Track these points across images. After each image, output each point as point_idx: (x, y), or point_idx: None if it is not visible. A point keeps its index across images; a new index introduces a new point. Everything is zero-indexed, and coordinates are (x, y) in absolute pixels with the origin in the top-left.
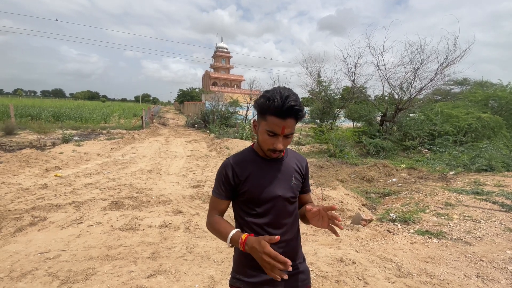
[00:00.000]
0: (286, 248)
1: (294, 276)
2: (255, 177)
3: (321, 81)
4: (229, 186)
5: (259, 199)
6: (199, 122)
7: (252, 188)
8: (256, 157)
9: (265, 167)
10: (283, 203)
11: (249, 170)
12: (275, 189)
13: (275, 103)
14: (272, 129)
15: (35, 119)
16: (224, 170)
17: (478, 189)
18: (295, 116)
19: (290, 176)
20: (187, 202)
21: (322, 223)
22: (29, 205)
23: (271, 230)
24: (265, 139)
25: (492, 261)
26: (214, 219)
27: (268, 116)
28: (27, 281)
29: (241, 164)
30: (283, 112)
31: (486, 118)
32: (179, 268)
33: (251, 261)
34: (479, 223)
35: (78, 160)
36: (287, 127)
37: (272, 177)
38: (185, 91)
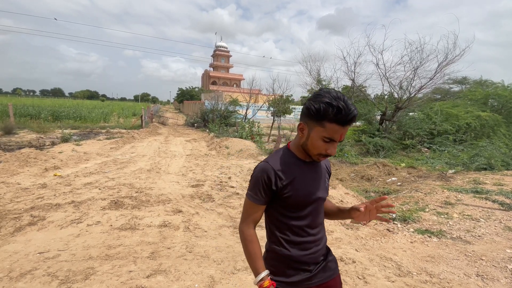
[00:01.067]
0: (321, 245)
1: (326, 265)
2: (299, 180)
3: (321, 80)
4: (269, 192)
5: (303, 202)
6: (199, 121)
7: (297, 192)
8: (296, 160)
9: (306, 170)
10: (320, 203)
11: (293, 173)
12: (317, 191)
13: (342, 112)
14: (332, 136)
15: (34, 118)
16: (266, 175)
17: (478, 188)
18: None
19: (324, 176)
20: (186, 202)
21: (370, 216)
22: (28, 204)
23: (310, 230)
24: (319, 145)
25: (492, 260)
26: (251, 234)
27: (327, 122)
28: (26, 281)
29: (284, 168)
30: (347, 122)
31: (486, 117)
32: (179, 268)
33: (289, 262)
34: (479, 222)
35: (77, 160)
36: (344, 134)
37: (312, 180)
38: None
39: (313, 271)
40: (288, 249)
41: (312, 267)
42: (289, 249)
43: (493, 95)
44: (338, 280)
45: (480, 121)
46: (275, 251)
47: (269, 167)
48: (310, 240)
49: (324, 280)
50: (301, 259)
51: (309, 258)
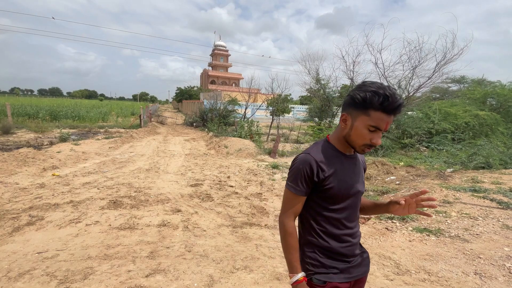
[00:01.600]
0: (357, 239)
1: (363, 260)
2: (340, 173)
3: (320, 79)
4: (311, 183)
5: (343, 195)
6: (198, 120)
7: (337, 184)
8: (337, 152)
9: (346, 163)
10: (359, 197)
11: (334, 166)
12: (357, 184)
13: (389, 100)
14: (378, 124)
15: (32, 118)
16: (309, 166)
17: (476, 187)
18: (399, 112)
19: (361, 170)
20: (185, 201)
21: (409, 210)
22: (26, 204)
23: (347, 223)
24: (364, 134)
25: (490, 258)
26: (291, 226)
27: (373, 111)
28: (25, 281)
29: (326, 160)
30: (393, 110)
31: (484, 116)
32: (178, 267)
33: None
34: (477, 220)
35: (75, 159)
36: (390, 122)
37: (352, 173)
38: (183, 89)
39: (351, 263)
40: (327, 241)
41: (351, 259)
42: (328, 241)
43: (491, 94)
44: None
45: (478, 120)
46: (313, 243)
47: (311, 158)
48: (347, 233)
49: (361, 275)
50: (340, 250)
51: (347, 250)
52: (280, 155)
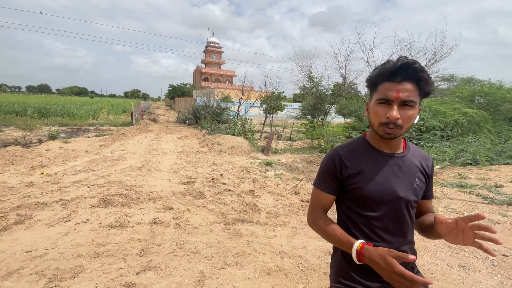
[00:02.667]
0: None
1: None
2: (370, 172)
3: (312, 77)
4: (335, 180)
5: (373, 199)
6: (191, 118)
7: (365, 185)
8: (370, 148)
9: (382, 162)
10: (404, 206)
11: (362, 163)
12: (396, 189)
13: (386, 66)
14: (385, 95)
15: (20, 115)
16: (332, 161)
17: (463, 182)
18: (414, 79)
19: (414, 175)
20: (177, 199)
21: (463, 238)
22: (14, 203)
23: (385, 235)
24: (377, 112)
25: (474, 251)
26: (322, 219)
27: (380, 85)
28: (13, 280)
29: (352, 156)
30: (396, 73)
31: (472, 114)
32: (169, 264)
33: (357, 266)
34: (463, 215)
35: (65, 157)
36: (403, 91)
37: (391, 174)
38: (176, 86)
39: (385, 283)
40: None
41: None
42: None
43: (479, 93)
44: None
45: (467, 117)
46: (343, 250)
47: (335, 154)
48: (383, 245)
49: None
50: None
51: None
52: (273, 152)
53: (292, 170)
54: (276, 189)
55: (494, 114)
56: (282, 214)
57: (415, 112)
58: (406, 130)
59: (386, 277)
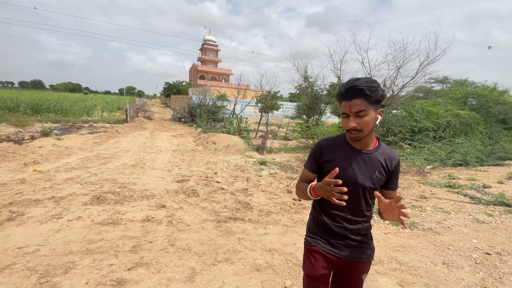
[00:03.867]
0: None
1: (360, 248)
2: (339, 160)
3: (308, 77)
4: (316, 163)
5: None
6: (186, 116)
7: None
8: (345, 144)
9: (351, 155)
10: (361, 190)
11: (336, 153)
12: (356, 176)
13: (340, 89)
14: (343, 111)
15: (13, 111)
16: (316, 148)
17: (451, 183)
18: (361, 95)
19: (375, 168)
20: (171, 197)
21: (393, 215)
22: (6, 200)
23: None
24: (343, 122)
25: (458, 249)
26: (300, 183)
27: (341, 103)
28: (5, 275)
29: (330, 147)
30: (346, 94)
31: (464, 115)
32: (160, 261)
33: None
34: (450, 214)
35: (58, 155)
36: (353, 106)
37: (355, 165)
38: (171, 84)
39: (340, 241)
40: (322, 215)
41: (341, 239)
42: (323, 216)
43: (472, 94)
44: (368, 265)
45: (459, 119)
46: (313, 215)
47: (320, 143)
48: (341, 216)
49: (350, 257)
50: (331, 227)
51: (338, 229)
52: (268, 151)
53: (286, 169)
54: (269, 187)
55: (486, 116)
56: (274, 212)
57: (370, 117)
58: (370, 131)
59: (324, 194)
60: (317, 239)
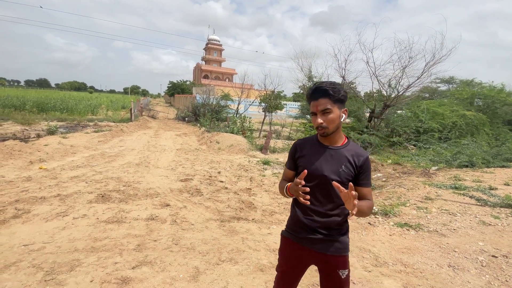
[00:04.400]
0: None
1: (331, 242)
2: (309, 155)
3: (312, 76)
4: (292, 160)
5: (308, 174)
6: (190, 115)
7: (304, 164)
8: (316, 141)
9: (320, 151)
10: (328, 182)
11: (307, 150)
12: (323, 169)
13: (308, 91)
14: (312, 110)
15: (19, 109)
16: (293, 147)
17: (457, 184)
18: (326, 95)
19: (341, 163)
20: (175, 196)
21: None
22: (12, 197)
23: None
24: (312, 120)
25: (464, 251)
26: (281, 182)
27: (310, 102)
28: (11, 272)
29: (303, 144)
30: (313, 95)
31: (470, 116)
32: (164, 259)
33: (295, 219)
34: (455, 216)
35: (63, 153)
36: (319, 105)
37: (322, 159)
38: (175, 83)
39: (313, 235)
40: (296, 209)
41: (313, 233)
42: (296, 209)
43: (479, 95)
44: (342, 260)
45: (465, 119)
46: (291, 209)
47: (296, 143)
48: (312, 209)
49: (318, 249)
50: (301, 219)
51: (308, 222)
52: (272, 151)
53: None
54: (273, 187)
55: (492, 117)
56: (277, 212)
57: (335, 115)
58: (335, 128)
59: (294, 193)
60: (290, 231)
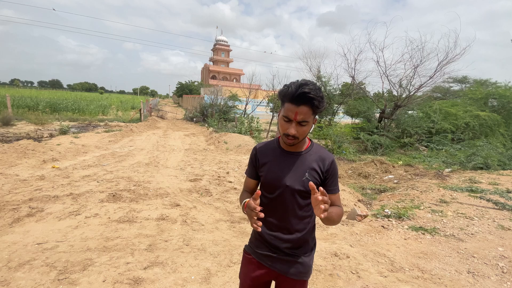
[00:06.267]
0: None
1: (291, 262)
2: (271, 164)
3: (321, 76)
4: (253, 167)
5: (270, 185)
6: (198, 115)
7: (266, 174)
8: (278, 147)
9: (282, 158)
10: (289, 193)
11: (268, 157)
12: (285, 179)
13: (289, 90)
14: (287, 114)
15: (32, 110)
16: (251, 153)
17: (473, 187)
18: (309, 104)
19: (305, 170)
20: (184, 196)
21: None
22: (26, 196)
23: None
24: (282, 125)
25: (484, 257)
26: (242, 194)
27: (286, 103)
28: (24, 271)
29: (263, 150)
30: (296, 98)
31: (484, 117)
32: (176, 260)
33: (257, 234)
34: (473, 220)
35: (75, 152)
36: (300, 114)
37: (285, 168)
38: (184, 84)
39: (274, 253)
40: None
41: (274, 250)
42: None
43: (493, 95)
44: (300, 285)
45: (478, 120)
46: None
47: (255, 147)
48: (275, 224)
49: (284, 273)
50: (265, 236)
51: (270, 238)
52: None
53: None
54: None
55: (508, 117)
56: None
57: (309, 127)
58: (303, 138)
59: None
60: (253, 247)
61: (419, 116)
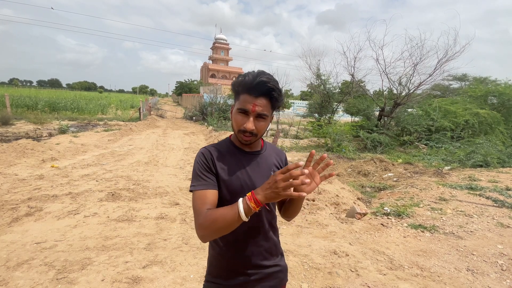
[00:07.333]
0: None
1: (272, 275)
2: (233, 167)
3: (320, 74)
4: (211, 174)
5: (237, 192)
6: (197, 114)
7: (231, 180)
8: (233, 148)
9: (243, 159)
10: None
11: (227, 160)
12: (255, 182)
13: (246, 78)
14: (243, 106)
15: (31, 109)
16: (203, 156)
17: (472, 185)
18: (268, 95)
19: (269, 169)
20: (183, 194)
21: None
22: (25, 195)
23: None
24: (237, 119)
25: (483, 255)
26: (207, 212)
27: (241, 94)
28: (23, 270)
29: (219, 155)
30: (254, 88)
31: (484, 114)
32: (175, 259)
33: (228, 263)
34: (472, 218)
35: (74, 151)
36: (258, 105)
37: (251, 170)
38: (183, 83)
39: (251, 275)
40: (221, 245)
41: (250, 271)
42: (221, 245)
43: (493, 93)
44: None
45: (478, 118)
46: (212, 247)
47: (205, 150)
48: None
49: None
50: (234, 259)
51: (244, 259)
52: None
53: None
54: None
55: (507, 115)
56: None
57: (267, 123)
58: (260, 136)
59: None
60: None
61: (419, 114)
